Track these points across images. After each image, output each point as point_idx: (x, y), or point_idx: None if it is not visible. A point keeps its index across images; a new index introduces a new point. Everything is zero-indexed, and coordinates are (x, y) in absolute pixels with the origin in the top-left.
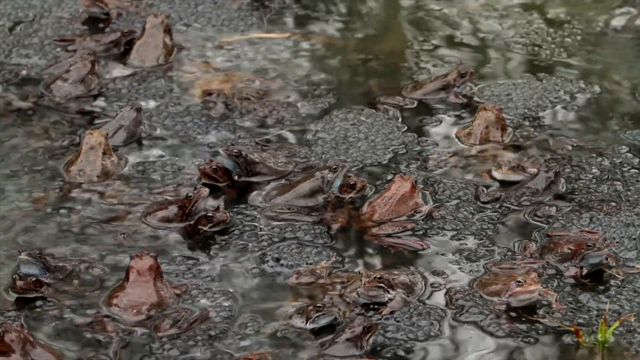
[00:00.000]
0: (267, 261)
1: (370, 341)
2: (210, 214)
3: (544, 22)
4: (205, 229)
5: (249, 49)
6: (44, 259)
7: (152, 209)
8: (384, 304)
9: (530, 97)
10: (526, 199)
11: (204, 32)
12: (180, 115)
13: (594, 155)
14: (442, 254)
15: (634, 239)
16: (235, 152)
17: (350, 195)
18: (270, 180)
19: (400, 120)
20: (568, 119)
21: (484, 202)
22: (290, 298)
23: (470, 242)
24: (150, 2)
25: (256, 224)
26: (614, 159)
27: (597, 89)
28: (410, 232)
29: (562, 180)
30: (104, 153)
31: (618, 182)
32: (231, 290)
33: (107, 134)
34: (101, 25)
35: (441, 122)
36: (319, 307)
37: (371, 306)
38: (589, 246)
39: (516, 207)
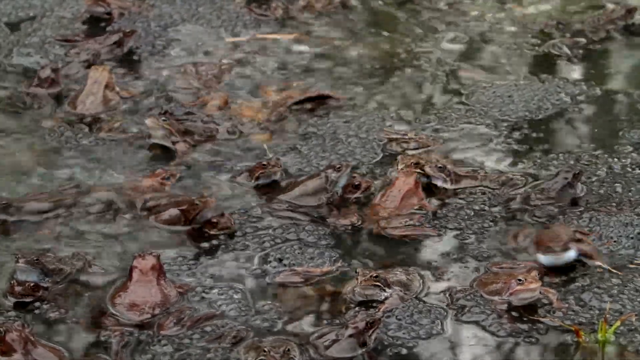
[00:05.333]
0: (270, 262)
1: (373, 337)
2: (215, 220)
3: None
4: (210, 232)
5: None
6: (41, 264)
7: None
8: (381, 302)
9: (532, 98)
10: (537, 199)
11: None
12: None
13: (597, 155)
14: (444, 252)
15: (631, 237)
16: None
17: (354, 196)
18: None
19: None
20: (569, 120)
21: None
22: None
23: (472, 240)
24: (152, 2)
25: (258, 225)
26: (617, 159)
27: (597, 91)
28: (419, 224)
29: (580, 184)
30: (106, 86)
31: (618, 184)
32: (236, 288)
33: (111, 69)
34: (103, 24)
35: None
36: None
37: (369, 304)
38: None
39: (525, 208)
